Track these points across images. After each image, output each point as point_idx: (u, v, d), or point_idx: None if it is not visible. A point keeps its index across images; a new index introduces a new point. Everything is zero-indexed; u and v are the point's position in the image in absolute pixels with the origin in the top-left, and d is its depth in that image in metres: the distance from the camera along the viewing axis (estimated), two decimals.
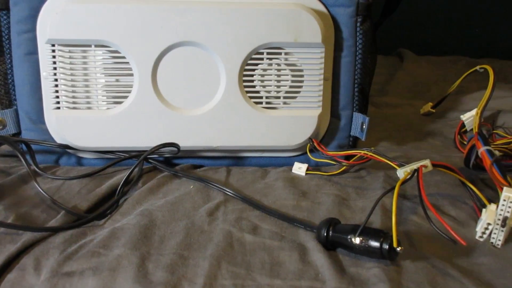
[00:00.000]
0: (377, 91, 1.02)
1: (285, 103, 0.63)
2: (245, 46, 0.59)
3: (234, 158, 0.65)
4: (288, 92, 0.62)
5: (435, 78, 1.09)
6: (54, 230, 0.47)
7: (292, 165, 0.64)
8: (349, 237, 0.43)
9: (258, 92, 0.62)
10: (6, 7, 0.59)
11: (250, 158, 0.66)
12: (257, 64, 0.61)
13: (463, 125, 0.74)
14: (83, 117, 0.60)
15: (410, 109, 0.93)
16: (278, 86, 0.62)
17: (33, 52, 0.59)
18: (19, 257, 0.43)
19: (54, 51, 0.58)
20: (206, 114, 0.61)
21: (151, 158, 0.62)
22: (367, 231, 0.43)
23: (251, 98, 0.61)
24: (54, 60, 0.58)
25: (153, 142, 0.60)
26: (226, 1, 0.59)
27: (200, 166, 0.65)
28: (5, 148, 0.62)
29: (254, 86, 0.61)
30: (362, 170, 0.64)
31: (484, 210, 0.49)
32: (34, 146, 0.61)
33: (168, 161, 0.64)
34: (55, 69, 0.58)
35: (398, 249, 0.41)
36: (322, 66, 0.61)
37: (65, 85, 0.59)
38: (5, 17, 0.59)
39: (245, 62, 0.60)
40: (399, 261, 0.43)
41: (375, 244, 0.42)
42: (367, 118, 0.63)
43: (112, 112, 0.60)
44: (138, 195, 0.54)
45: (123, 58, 0.59)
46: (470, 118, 0.72)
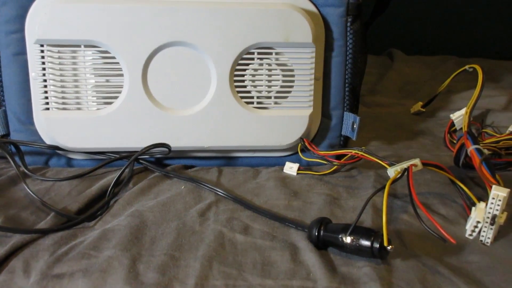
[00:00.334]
0: (368, 91, 1.02)
1: (276, 103, 0.63)
2: (235, 46, 0.59)
3: (225, 158, 0.65)
4: (279, 92, 0.62)
5: (425, 78, 1.10)
6: (44, 232, 0.47)
7: (283, 165, 0.64)
8: (340, 236, 0.43)
9: (249, 92, 0.62)
10: None
11: (242, 158, 0.66)
12: (248, 64, 0.61)
13: (453, 124, 0.74)
14: (73, 118, 0.59)
15: (400, 108, 0.93)
16: (269, 86, 0.62)
17: (21, 52, 0.59)
18: (8, 259, 0.43)
19: (43, 52, 0.57)
20: (197, 114, 0.61)
21: (142, 159, 0.62)
22: (358, 230, 0.43)
23: (242, 98, 0.61)
24: (43, 60, 0.58)
25: (144, 143, 0.60)
26: (217, 1, 0.59)
27: (191, 167, 0.65)
28: None
29: (245, 86, 0.61)
30: (353, 170, 0.64)
31: (473, 208, 0.49)
32: (23, 148, 0.60)
33: (159, 161, 0.64)
34: (44, 69, 0.58)
35: (389, 247, 0.41)
36: (313, 66, 0.62)
37: (54, 85, 0.58)
38: None
39: (236, 62, 0.60)
40: (390, 259, 0.43)
41: (366, 243, 0.42)
42: (358, 118, 0.64)
43: (102, 112, 0.59)
44: (129, 196, 0.54)
45: (113, 58, 0.58)
46: (459, 117, 0.73)
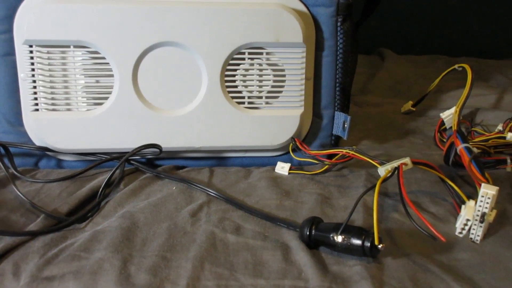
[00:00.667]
0: (358, 90, 1.03)
1: (267, 103, 0.63)
2: (226, 46, 0.59)
3: (217, 159, 0.65)
4: (270, 92, 0.62)
5: (415, 77, 1.10)
6: (34, 234, 0.46)
7: (275, 164, 0.64)
8: (331, 235, 0.43)
9: (240, 92, 0.62)
10: None
11: (233, 158, 0.66)
12: (238, 64, 0.61)
13: (443, 123, 0.75)
14: (63, 119, 0.59)
15: (391, 107, 0.94)
16: (260, 86, 0.62)
17: (10, 53, 0.58)
18: None
19: (32, 52, 0.57)
20: (188, 114, 0.61)
21: (133, 160, 0.62)
22: (349, 229, 0.43)
23: (233, 98, 0.61)
24: (32, 61, 0.57)
25: (134, 144, 0.60)
26: (207, 1, 0.59)
27: (182, 167, 0.64)
28: None
29: (236, 86, 0.61)
30: (345, 169, 0.64)
31: (463, 206, 0.50)
32: (12, 149, 0.60)
33: (150, 162, 0.64)
34: (33, 70, 0.57)
35: (380, 246, 0.41)
36: (304, 65, 0.62)
37: (43, 86, 0.58)
38: None
39: (226, 62, 0.60)
40: (381, 258, 0.43)
41: (357, 242, 0.42)
42: (349, 117, 0.64)
43: (92, 113, 0.59)
44: (120, 197, 0.54)
45: (103, 58, 0.58)
46: (449, 116, 0.73)
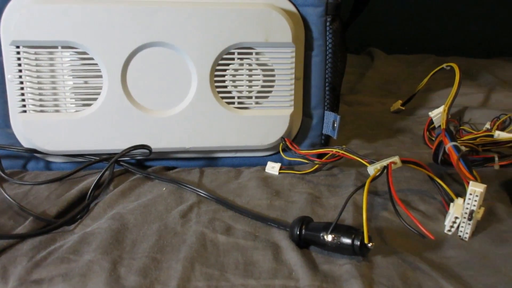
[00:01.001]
0: (348, 90, 1.03)
1: (257, 103, 0.63)
2: (215, 46, 0.59)
3: (207, 159, 0.65)
4: (260, 92, 0.62)
5: (405, 76, 1.11)
6: (22, 237, 0.46)
7: (265, 164, 0.64)
8: (321, 234, 0.43)
9: (230, 92, 0.62)
10: None
11: (224, 158, 0.66)
12: (228, 64, 0.61)
13: (432, 121, 0.75)
14: (51, 120, 0.58)
15: (380, 107, 0.94)
16: (250, 86, 0.62)
17: None
18: None
19: (19, 53, 0.56)
20: (178, 115, 0.60)
21: (123, 161, 0.61)
22: (339, 228, 0.43)
23: (223, 98, 0.61)
24: (19, 62, 0.56)
25: (124, 145, 0.59)
26: (196, 1, 0.59)
27: (173, 168, 0.64)
28: None
29: (225, 87, 0.61)
30: (335, 168, 0.65)
31: (452, 204, 0.50)
32: (0, 151, 0.59)
33: (140, 163, 0.64)
34: (21, 71, 0.57)
35: (369, 245, 0.41)
36: (293, 65, 0.62)
37: (31, 87, 0.57)
38: None
39: (216, 63, 0.60)
40: (371, 256, 0.44)
41: (347, 241, 0.42)
42: (339, 117, 0.64)
43: (81, 114, 0.59)
44: (110, 199, 0.54)
45: (92, 59, 0.58)
46: (438, 115, 0.74)
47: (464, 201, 0.48)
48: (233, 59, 0.60)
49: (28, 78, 0.57)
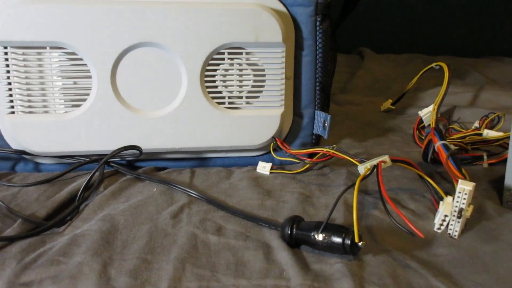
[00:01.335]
0: (339, 89, 1.04)
1: (247, 103, 0.63)
2: (205, 46, 0.59)
3: (198, 159, 0.65)
4: (250, 91, 0.62)
5: (394, 76, 1.12)
6: (11, 240, 0.45)
7: (256, 164, 0.64)
8: (312, 234, 0.43)
9: (220, 92, 0.62)
10: None
11: (214, 158, 0.65)
12: (218, 64, 0.60)
13: (421, 120, 0.76)
14: (40, 121, 0.58)
15: (371, 106, 0.95)
16: (240, 86, 0.62)
17: None
18: None
19: (6, 54, 0.56)
20: (168, 115, 0.60)
21: (113, 162, 0.61)
22: (330, 228, 0.43)
23: (214, 98, 0.61)
24: (7, 63, 0.56)
25: (114, 146, 0.59)
26: (186, 1, 0.59)
27: (163, 169, 0.64)
28: None
29: (216, 87, 0.61)
30: (325, 168, 0.65)
31: (441, 202, 0.51)
32: None
33: (130, 164, 0.63)
34: (8, 72, 0.56)
35: (360, 244, 0.42)
36: (283, 65, 0.62)
37: (19, 88, 0.57)
38: None
39: (206, 63, 0.60)
40: (361, 255, 0.44)
41: (338, 240, 0.42)
42: (329, 116, 0.64)
43: (70, 115, 0.58)
44: (100, 200, 0.53)
45: (81, 60, 0.57)
46: (427, 114, 0.74)
47: (453, 199, 0.48)
48: (223, 59, 0.60)
49: (16, 79, 0.57)
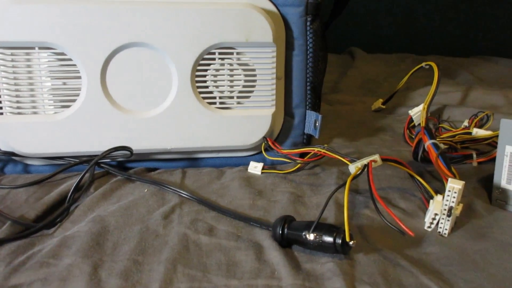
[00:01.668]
0: (330, 89, 1.04)
1: (238, 103, 0.63)
2: (196, 46, 0.59)
3: (189, 160, 0.65)
4: (241, 91, 0.62)
5: (385, 75, 1.12)
6: None
7: (248, 164, 0.64)
8: (303, 233, 0.43)
9: (211, 92, 0.61)
10: None
11: (206, 159, 0.65)
12: (209, 64, 0.60)
13: (411, 120, 0.77)
14: (29, 122, 0.57)
15: (361, 105, 0.95)
16: (231, 86, 0.62)
17: None
18: None
19: None
20: (159, 116, 0.60)
21: (103, 163, 0.60)
22: (321, 227, 0.43)
23: (205, 98, 0.61)
24: None
25: (104, 146, 0.59)
26: (176, 1, 0.59)
27: (154, 169, 0.64)
28: None
29: (207, 87, 0.61)
30: (317, 167, 0.65)
31: (431, 201, 0.51)
32: None
33: (121, 165, 0.63)
34: None
35: (351, 243, 0.42)
36: (274, 65, 0.62)
37: (8, 89, 0.56)
38: None
39: (197, 63, 0.60)
40: (352, 254, 0.44)
41: (329, 239, 0.42)
42: (320, 116, 0.65)
43: (60, 116, 0.58)
44: (90, 201, 0.53)
45: (70, 60, 0.57)
46: (417, 113, 0.75)
47: (443, 197, 0.49)
48: (214, 59, 0.60)
49: (4, 80, 0.56)
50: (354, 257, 0.44)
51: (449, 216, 0.48)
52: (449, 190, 0.48)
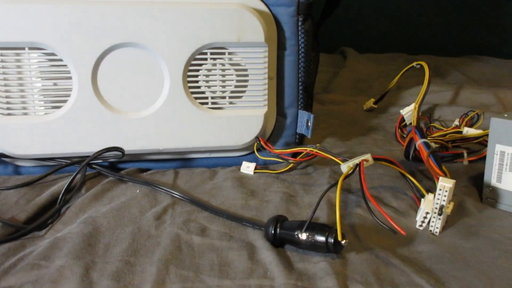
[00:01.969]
0: (322, 89, 1.04)
1: (231, 103, 0.63)
2: (188, 46, 0.59)
3: (181, 160, 0.65)
4: (233, 92, 0.62)
5: (377, 75, 1.13)
6: None
7: (240, 164, 0.64)
8: (296, 233, 0.44)
9: (203, 92, 0.61)
10: None
11: (198, 159, 0.65)
12: (201, 64, 0.60)
13: (403, 119, 0.77)
14: (19, 123, 0.57)
15: (353, 105, 0.96)
16: (223, 86, 0.62)
17: None
18: None
19: None
20: (150, 116, 0.60)
21: (95, 164, 0.60)
22: (313, 227, 0.43)
23: (197, 99, 0.61)
24: None
25: (96, 147, 0.58)
26: (168, 1, 0.59)
27: (146, 170, 0.64)
28: None
29: (199, 87, 0.61)
30: (309, 167, 0.65)
31: (423, 200, 0.51)
32: None
33: (113, 166, 0.63)
34: None
35: (343, 242, 0.42)
36: (266, 65, 0.62)
37: None
38: None
39: (188, 63, 0.59)
40: (345, 253, 0.44)
41: (321, 238, 0.42)
42: (312, 116, 0.65)
43: (50, 117, 0.57)
44: (81, 203, 0.52)
45: (60, 60, 0.56)
46: (409, 112, 0.75)
47: (434, 196, 0.49)
48: (205, 59, 0.60)
49: None
50: (346, 256, 0.44)
51: (440, 214, 0.49)
52: (440, 189, 0.48)
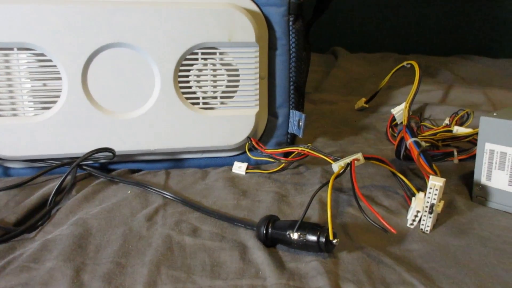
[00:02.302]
0: (313, 88, 1.04)
1: (222, 103, 0.63)
2: (178, 46, 0.58)
3: (173, 161, 0.64)
4: (224, 92, 0.62)
5: (368, 74, 1.13)
6: None
7: (232, 164, 0.64)
8: (287, 233, 0.44)
9: (194, 92, 0.61)
10: None
11: (190, 159, 0.65)
12: (192, 64, 0.60)
13: (394, 118, 0.77)
14: (8, 124, 0.56)
15: (345, 105, 0.96)
16: (215, 86, 0.62)
17: None
18: None
19: None
20: (141, 116, 0.59)
21: (85, 165, 0.60)
22: (305, 226, 0.43)
23: (188, 99, 0.61)
24: None
25: (86, 148, 0.58)
26: (158, 1, 0.58)
27: (138, 170, 0.63)
28: None
29: (190, 87, 0.61)
30: (301, 166, 0.65)
31: (413, 198, 0.52)
32: None
33: (103, 166, 0.62)
34: None
35: (334, 241, 0.42)
36: (257, 65, 0.62)
37: None
38: None
39: (179, 63, 0.59)
40: (336, 253, 0.44)
41: (313, 238, 0.42)
42: (304, 115, 0.65)
43: (40, 118, 0.57)
44: (72, 204, 0.52)
45: (50, 61, 0.56)
46: (399, 111, 0.76)
47: (425, 195, 0.49)
48: (196, 59, 0.60)
49: None
50: (338, 255, 0.44)
51: (430, 213, 0.49)
52: (430, 188, 0.49)
